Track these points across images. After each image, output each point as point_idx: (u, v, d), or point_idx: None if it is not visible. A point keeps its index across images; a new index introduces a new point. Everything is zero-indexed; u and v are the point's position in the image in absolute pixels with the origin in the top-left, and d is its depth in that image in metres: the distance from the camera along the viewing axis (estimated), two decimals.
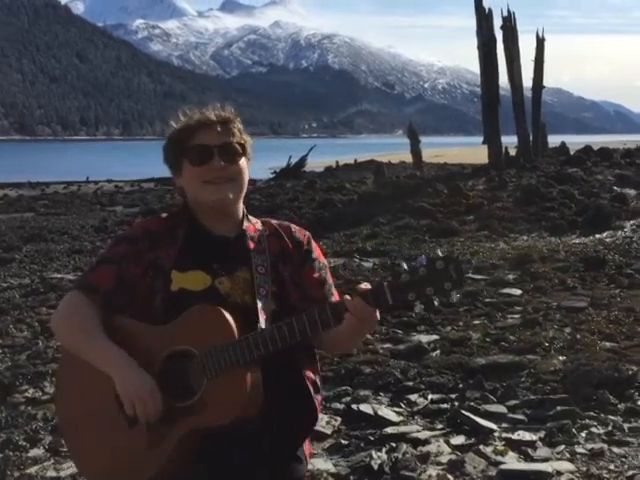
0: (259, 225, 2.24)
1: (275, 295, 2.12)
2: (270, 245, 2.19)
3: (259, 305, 2.07)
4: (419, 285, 1.89)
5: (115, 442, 2.06)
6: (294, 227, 2.28)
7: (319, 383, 2.22)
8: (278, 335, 1.98)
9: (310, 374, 2.18)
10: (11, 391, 5.45)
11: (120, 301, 2.13)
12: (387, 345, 6.31)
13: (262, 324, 2.05)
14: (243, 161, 2.17)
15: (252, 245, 2.17)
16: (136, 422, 2.02)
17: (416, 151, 27.75)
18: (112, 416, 2.06)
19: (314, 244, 2.27)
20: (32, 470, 4.20)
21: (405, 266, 1.92)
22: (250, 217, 2.25)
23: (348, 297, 1.98)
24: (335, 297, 2.23)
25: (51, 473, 4.16)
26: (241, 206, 2.21)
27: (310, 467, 4.07)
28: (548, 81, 28.10)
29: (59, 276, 10.09)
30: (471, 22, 24.10)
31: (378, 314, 1.98)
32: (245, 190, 2.20)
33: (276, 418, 2.06)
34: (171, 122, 2.21)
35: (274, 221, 2.30)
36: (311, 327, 1.98)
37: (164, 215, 2.26)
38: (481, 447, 4.26)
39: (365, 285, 1.97)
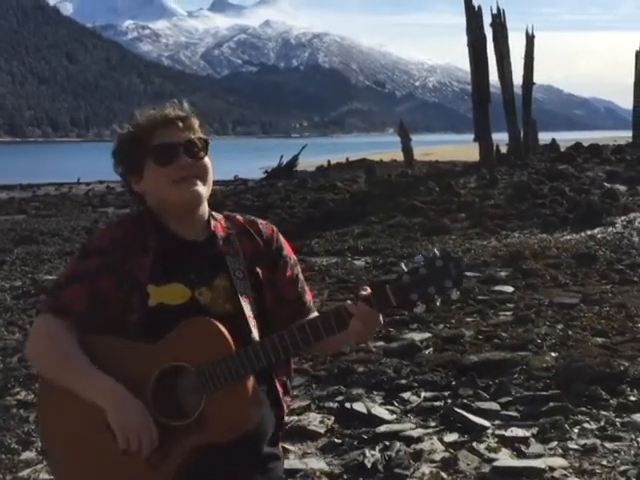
0: (224, 222, 2.17)
1: (255, 300, 2.08)
2: (242, 245, 2.12)
3: (247, 313, 2.03)
4: (421, 285, 1.89)
5: (111, 468, 1.97)
6: (260, 222, 2.22)
7: (290, 384, 2.20)
8: (281, 345, 1.94)
9: (282, 376, 2.15)
10: (3, 394, 5.42)
11: (94, 320, 2.01)
12: (380, 343, 6.31)
13: (254, 332, 2.02)
14: (207, 158, 2.10)
15: (224, 248, 2.10)
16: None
17: (407, 149, 27.72)
18: (104, 441, 1.96)
19: (282, 239, 2.22)
20: (24, 473, 4.18)
21: (405, 267, 1.92)
22: (213, 213, 2.17)
23: (350, 302, 1.95)
24: (308, 294, 2.21)
25: (43, 476, 4.14)
26: (206, 206, 2.13)
27: (303, 466, 4.09)
28: (539, 78, 28.23)
29: (50, 278, 10.05)
30: (461, 20, 24.15)
31: (381, 317, 1.96)
32: (211, 187, 2.13)
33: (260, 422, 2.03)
34: (115, 126, 2.13)
35: (239, 216, 2.22)
36: (314, 335, 1.95)
37: (127, 219, 2.16)
38: (474, 444, 4.26)
39: (365, 290, 1.95)
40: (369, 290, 1.94)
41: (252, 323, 2.03)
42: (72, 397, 1.99)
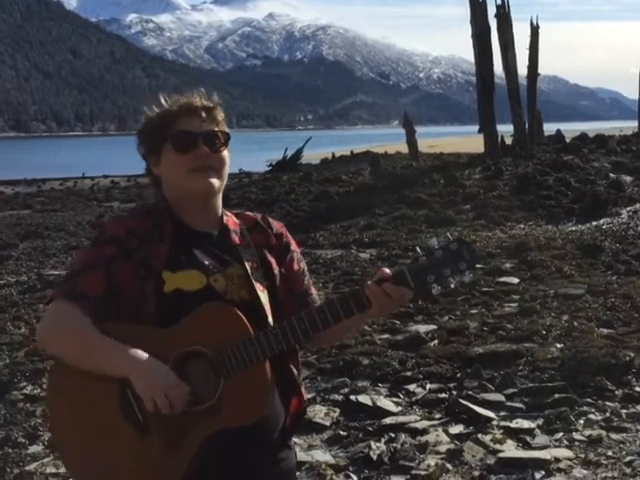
0: (236, 218, 2.18)
1: (269, 289, 2.09)
2: (254, 239, 2.14)
3: (263, 300, 2.04)
4: (437, 267, 1.95)
5: (128, 455, 1.95)
6: (270, 218, 2.24)
7: (300, 376, 2.20)
8: (299, 327, 1.95)
9: (292, 367, 2.15)
10: (9, 388, 5.45)
11: (110, 308, 2.00)
12: (385, 336, 6.32)
13: (270, 318, 2.02)
14: (226, 151, 2.11)
15: (237, 240, 2.12)
16: (149, 431, 1.94)
17: (412, 141, 27.65)
18: (119, 427, 1.95)
19: (289, 235, 2.24)
20: (31, 467, 4.21)
21: (421, 251, 1.98)
22: (226, 211, 2.18)
23: (370, 283, 1.96)
24: (313, 289, 2.23)
25: (51, 469, 4.17)
26: (220, 200, 2.14)
27: (309, 459, 4.10)
28: (544, 69, 28.03)
29: (56, 273, 10.08)
30: (465, 11, 24.02)
31: (410, 293, 1.96)
32: (226, 181, 2.14)
33: (270, 413, 2.03)
34: (145, 108, 2.11)
35: (249, 213, 2.24)
36: (334, 317, 1.96)
37: (140, 210, 2.16)
38: (479, 436, 4.27)
39: (384, 271, 1.97)
40: (388, 271, 1.97)
41: (268, 309, 2.04)
42: (83, 384, 1.99)
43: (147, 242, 2.03)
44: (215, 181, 2.06)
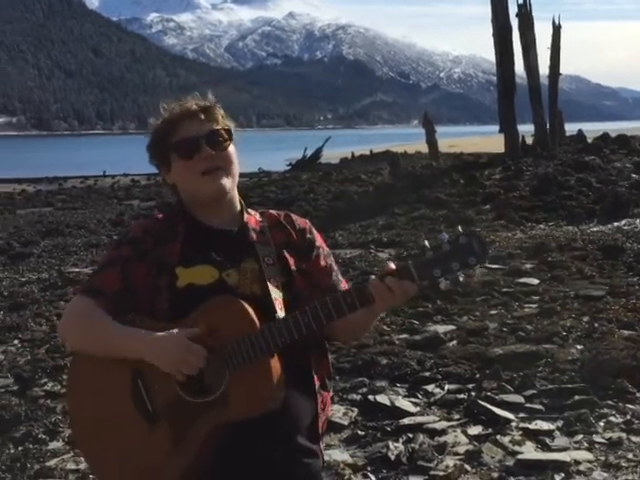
0: (259, 217, 2.21)
1: (284, 286, 2.10)
2: (274, 237, 2.16)
3: (273, 295, 2.05)
4: (444, 260, 1.90)
5: (137, 444, 2.00)
6: (294, 216, 2.25)
7: (328, 380, 2.19)
8: (303, 321, 1.95)
9: (320, 371, 2.15)
10: (30, 385, 5.50)
11: (126, 304, 2.08)
12: (403, 336, 6.30)
13: (279, 313, 2.03)
14: (232, 147, 2.13)
15: (255, 237, 2.14)
16: (158, 422, 1.98)
17: (432, 141, 27.55)
18: (130, 418, 2.01)
19: (315, 231, 2.25)
20: (52, 463, 4.23)
21: (428, 244, 1.94)
22: (249, 209, 2.21)
23: (374, 277, 1.96)
24: (343, 283, 2.23)
25: (71, 465, 4.19)
26: (237, 197, 2.17)
27: (327, 458, 4.09)
28: (565, 69, 27.85)
29: (77, 270, 10.15)
30: (486, 10, 23.95)
31: (414, 287, 1.94)
32: (237, 177, 2.16)
33: (286, 412, 2.03)
34: (150, 120, 2.21)
35: (273, 211, 2.26)
36: (337, 311, 1.95)
37: (160, 215, 2.22)
38: (498, 437, 4.24)
39: (390, 265, 1.97)
40: (393, 266, 1.96)
41: (278, 305, 2.04)
42: (99, 380, 2.05)
43: (162, 242, 2.10)
44: (225, 181, 2.10)
